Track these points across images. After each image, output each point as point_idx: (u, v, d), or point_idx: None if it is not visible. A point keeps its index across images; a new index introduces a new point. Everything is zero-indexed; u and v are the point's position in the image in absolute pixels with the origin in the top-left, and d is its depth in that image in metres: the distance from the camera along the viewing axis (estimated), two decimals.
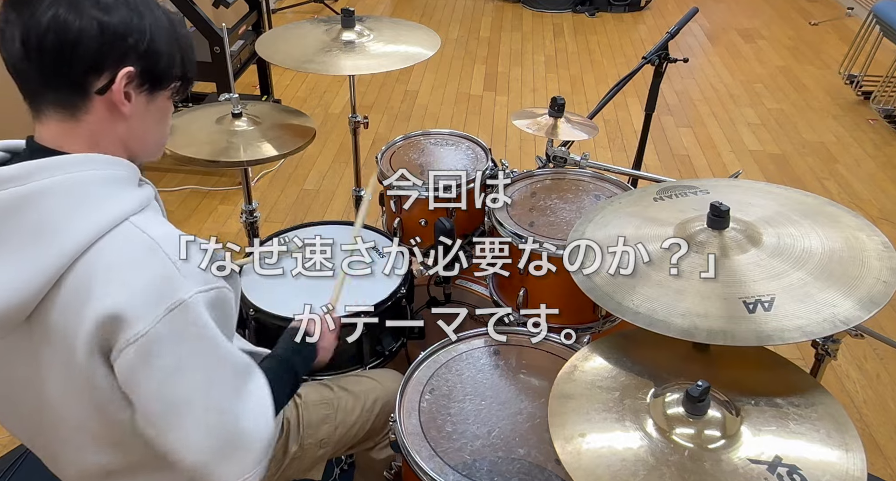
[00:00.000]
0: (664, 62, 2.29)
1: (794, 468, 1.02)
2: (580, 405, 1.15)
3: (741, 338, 1.11)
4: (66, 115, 0.95)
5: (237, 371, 1.00)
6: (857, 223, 1.30)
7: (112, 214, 0.92)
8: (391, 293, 1.67)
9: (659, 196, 1.45)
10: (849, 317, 1.10)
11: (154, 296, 0.90)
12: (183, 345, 0.93)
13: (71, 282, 0.90)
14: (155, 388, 0.94)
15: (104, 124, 0.96)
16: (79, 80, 0.92)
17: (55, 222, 0.89)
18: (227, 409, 0.98)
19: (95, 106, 0.94)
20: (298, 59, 1.99)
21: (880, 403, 2.33)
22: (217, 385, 0.97)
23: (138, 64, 0.94)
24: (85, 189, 0.92)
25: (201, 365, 0.95)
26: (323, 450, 1.42)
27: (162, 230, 0.94)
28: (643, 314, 1.17)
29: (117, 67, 0.92)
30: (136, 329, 0.89)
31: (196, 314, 0.92)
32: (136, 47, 0.93)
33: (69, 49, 0.90)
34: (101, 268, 0.90)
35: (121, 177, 0.96)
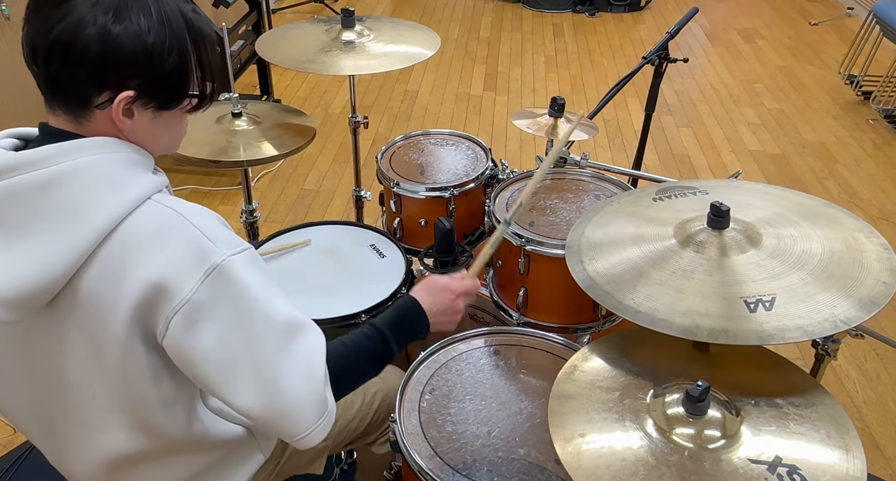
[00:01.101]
0: (664, 62, 2.29)
1: (794, 468, 1.02)
2: (580, 405, 1.15)
3: (742, 338, 1.11)
4: (72, 117, 0.97)
5: (284, 328, 0.99)
6: (856, 224, 1.30)
7: (136, 193, 0.94)
8: (391, 293, 1.67)
9: (658, 196, 1.46)
10: (849, 318, 1.10)
11: (189, 263, 0.92)
12: (225, 307, 0.94)
13: (102, 260, 0.92)
14: (205, 352, 0.95)
15: (107, 131, 0.98)
16: (79, 95, 0.94)
17: (82, 202, 0.91)
18: (270, 366, 0.98)
19: (97, 117, 0.96)
20: (298, 59, 1.99)
21: (880, 403, 2.33)
22: (262, 342, 0.97)
23: (142, 87, 0.94)
24: (108, 169, 0.94)
25: (245, 325, 0.96)
26: (323, 444, 1.42)
27: (184, 205, 0.97)
28: (644, 313, 1.17)
29: (118, 89, 0.93)
30: (180, 297, 0.91)
31: (233, 275, 0.94)
32: (142, 72, 0.93)
33: (72, 65, 0.91)
34: (133, 242, 0.92)
35: (138, 160, 0.98)
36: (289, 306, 1.01)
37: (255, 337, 0.97)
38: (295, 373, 0.99)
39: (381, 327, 1.17)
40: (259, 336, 0.97)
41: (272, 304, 0.98)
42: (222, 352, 0.95)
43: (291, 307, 1.02)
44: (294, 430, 1.01)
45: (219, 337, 0.94)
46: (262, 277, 0.99)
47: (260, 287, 0.97)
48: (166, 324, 0.93)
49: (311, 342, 1.03)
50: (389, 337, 1.17)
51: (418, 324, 1.23)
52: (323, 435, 1.03)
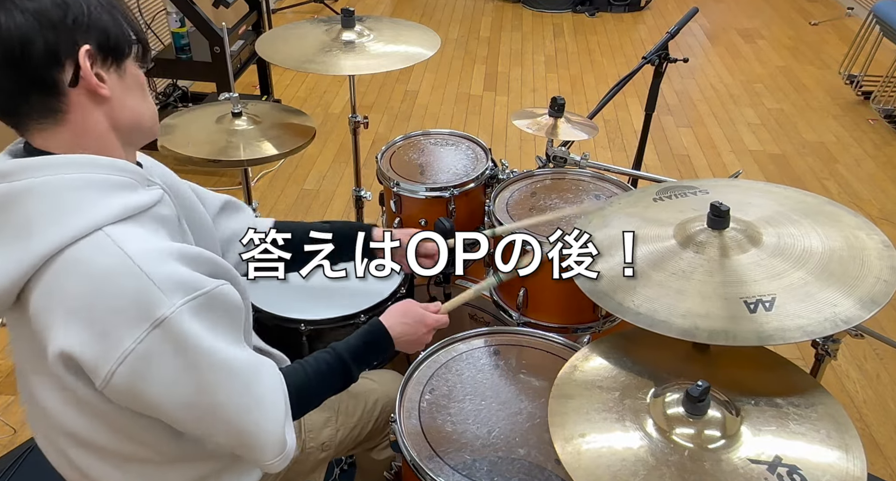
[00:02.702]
0: (664, 62, 2.29)
1: (794, 468, 1.02)
2: (580, 405, 1.15)
3: (742, 338, 1.11)
4: (49, 122, 0.93)
5: (239, 374, 0.99)
6: (856, 222, 1.29)
7: (84, 222, 0.90)
8: (391, 293, 1.67)
9: (659, 196, 1.46)
10: (850, 317, 1.10)
11: (132, 315, 0.89)
12: (172, 360, 0.92)
13: (46, 285, 0.91)
14: (157, 402, 0.94)
15: (88, 117, 0.94)
16: (46, 80, 0.90)
17: (30, 223, 0.90)
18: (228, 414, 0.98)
19: (73, 101, 0.92)
20: (298, 59, 1.99)
21: (880, 403, 2.33)
22: (217, 392, 0.96)
23: (91, 40, 0.91)
24: (62, 193, 0.91)
25: (197, 377, 0.94)
26: (325, 453, 1.42)
27: (136, 244, 0.91)
28: (644, 315, 1.17)
29: (74, 52, 0.90)
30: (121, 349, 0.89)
31: (181, 327, 0.90)
32: (80, 25, 0.90)
33: (20, 52, 0.87)
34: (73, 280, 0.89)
35: (106, 181, 0.94)
36: (243, 350, 1.00)
37: (209, 387, 0.95)
38: (254, 417, 1.00)
39: (343, 355, 1.18)
40: (213, 386, 0.96)
41: (225, 353, 0.96)
42: (175, 403, 0.95)
43: (245, 349, 1.01)
44: (255, 461, 1.05)
45: (169, 388, 0.93)
46: (215, 324, 0.95)
47: (211, 337, 0.94)
48: (109, 376, 0.90)
49: (268, 383, 1.03)
50: (350, 365, 1.18)
51: (383, 351, 1.25)
52: (282, 466, 1.06)
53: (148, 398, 0.94)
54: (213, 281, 0.95)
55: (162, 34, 3.62)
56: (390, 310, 1.30)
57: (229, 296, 0.97)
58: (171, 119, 1.98)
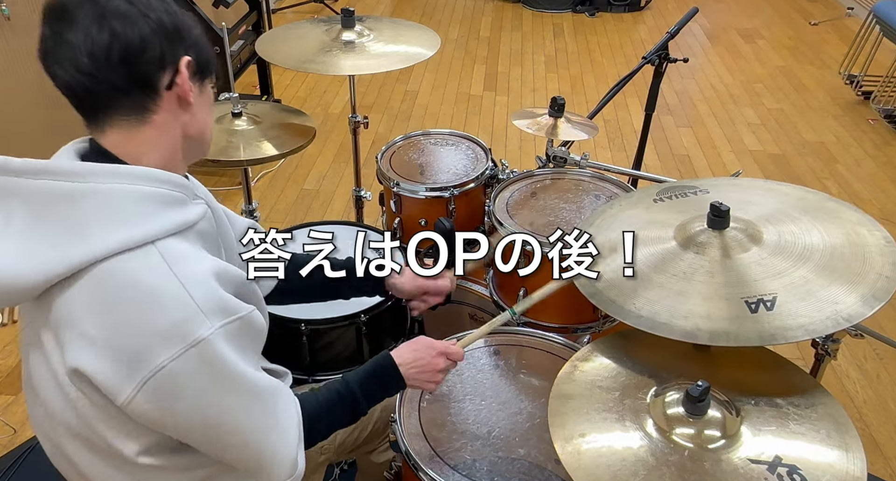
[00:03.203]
0: (664, 62, 2.29)
1: (794, 468, 1.02)
2: (580, 405, 1.15)
3: (744, 339, 1.10)
4: (133, 121, 0.98)
5: (262, 399, 1.02)
6: (858, 218, 1.29)
7: (138, 234, 0.93)
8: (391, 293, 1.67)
9: (659, 197, 1.46)
10: (852, 314, 1.10)
11: (172, 333, 0.91)
12: (203, 380, 0.94)
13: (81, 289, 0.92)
14: (180, 420, 0.96)
15: (171, 120, 1.01)
16: (151, 81, 0.97)
17: (84, 225, 0.92)
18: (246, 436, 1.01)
19: (164, 103, 0.99)
20: (298, 59, 1.99)
21: (880, 403, 2.33)
22: (240, 414, 1.00)
23: (191, 53, 1.00)
24: (123, 202, 0.94)
25: (223, 398, 0.97)
26: (324, 457, 1.42)
27: (185, 267, 0.94)
28: (646, 317, 1.17)
29: (177, 60, 0.98)
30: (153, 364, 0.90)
31: (216, 349, 0.93)
32: (187, 38, 1.00)
33: (138, 55, 0.95)
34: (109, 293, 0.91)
35: (164, 196, 0.98)
36: (264, 374, 1.04)
37: (233, 409, 0.98)
38: (272, 440, 1.03)
39: (353, 387, 1.19)
40: (237, 408, 0.99)
41: (251, 377, 1.00)
42: (197, 423, 0.97)
43: (263, 374, 1.04)
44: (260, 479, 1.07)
45: (194, 408, 0.95)
46: (245, 348, 0.99)
47: (241, 360, 0.97)
48: (134, 393, 0.92)
49: (286, 409, 1.07)
50: (360, 398, 1.19)
51: (392, 383, 1.23)
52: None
53: (170, 416, 0.95)
54: (247, 306, 0.99)
55: None
56: (403, 345, 1.27)
57: (257, 322, 1.02)
58: None
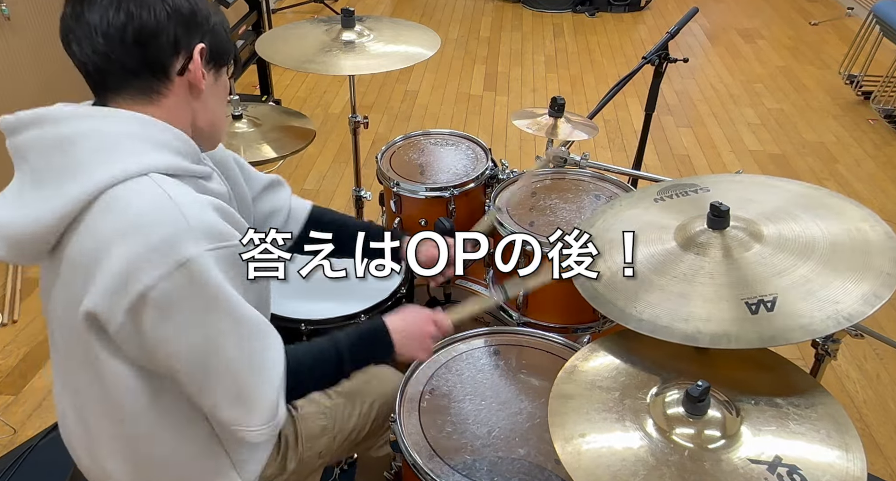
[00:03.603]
0: (664, 62, 2.29)
1: (794, 468, 1.02)
2: (580, 405, 1.15)
3: (745, 341, 1.10)
4: (144, 101, 1.01)
5: (248, 330, 1.02)
6: (860, 214, 1.28)
7: (133, 166, 0.95)
8: (391, 293, 1.67)
9: (660, 196, 1.45)
10: (852, 314, 1.10)
11: (160, 252, 0.92)
12: (192, 301, 0.95)
13: (86, 227, 0.94)
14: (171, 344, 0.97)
15: (180, 106, 1.03)
16: (163, 65, 0.99)
17: (82, 164, 0.94)
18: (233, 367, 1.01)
19: (175, 87, 1.01)
20: (298, 59, 1.99)
21: (880, 403, 2.33)
22: (227, 341, 0.99)
23: (206, 40, 1.02)
24: (117, 140, 0.97)
25: (212, 322, 0.97)
26: (322, 460, 1.42)
27: (179, 189, 0.96)
28: (647, 321, 1.17)
29: (191, 46, 1.00)
30: (142, 285, 0.91)
31: (203, 269, 0.94)
32: (203, 25, 1.01)
33: (151, 38, 0.97)
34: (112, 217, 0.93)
35: (162, 141, 1.00)
36: (254, 310, 1.03)
37: (221, 335, 0.98)
38: (255, 375, 1.03)
39: (340, 348, 1.17)
40: (225, 334, 0.99)
41: (239, 304, 1.00)
42: (185, 347, 0.97)
43: (256, 312, 1.03)
44: (239, 421, 1.04)
45: (184, 330, 0.96)
46: (234, 277, 0.99)
47: (229, 286, 0.98)
48: (124, 315, 0.93)
49: (272, 349, 1.06)
50: (346, 359, 1.17)
51: (380, 347, 1.22)
52: (266, 437, 1.06)
53: (160, 340, 0.96)
54: (237, 242, 1.00)
55: None
56: (399, 313, 1.27)
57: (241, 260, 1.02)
58: None
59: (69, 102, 1.03)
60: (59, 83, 2.95)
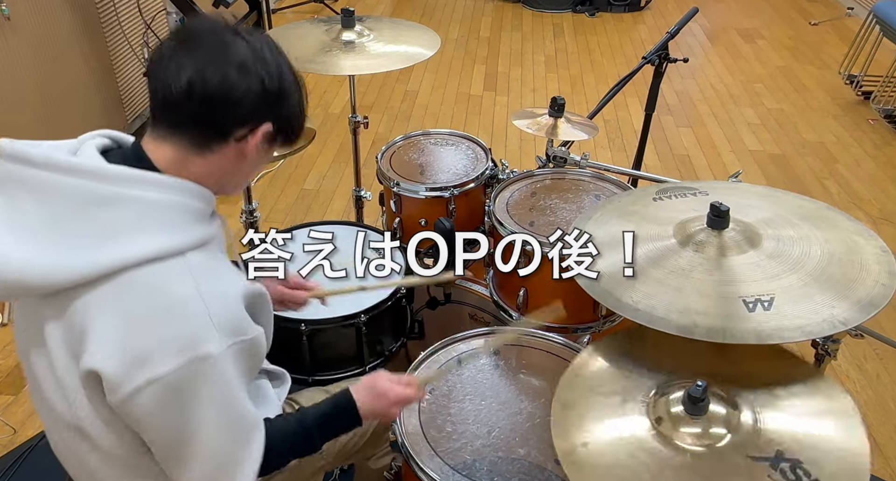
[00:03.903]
0: (664, 62, 2.29)
1: (796, 463, 1.02)
2: (582, 413, 1.15)
3: (741, 337, 1.11)
4: (192, 150, 1.00)
5: (246, 427, 1.04)
6: (855, 227, 1.30)
7: (171, 244, 0.95)
8: (391, 293, 1.67)
9: (658, 196, 1.46)
10: (848, 318, 1.10)
11: (182, 344, 0.93)
12: (201, 391, 0.96)
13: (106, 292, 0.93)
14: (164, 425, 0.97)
15: (222, 163, 1.02)
16: (226, 130, 1.00)
17: (119, 229, 0.93)
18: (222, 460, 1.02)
19: (227, 149, 1.01)
20: (298, 59, 1.98)
21: (880, 403, 2.33)
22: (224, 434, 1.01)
23: (276, 123, 1.03)
24: (159, 211, 0.96)
25: (211, 414, 0.98)
26: (322, 462, 1.42)
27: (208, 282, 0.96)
28: (643, 311, 1.17)
29: (261, 123, 1.01)
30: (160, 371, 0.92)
31: (222, 366, 0.95)
32: (281, 107, 1.03)
33: (230, 105, 0.98)
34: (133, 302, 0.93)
35: (197, 209, 1.01)
36: (250, 406, 1.05)
37: (216, 426, 0.99)
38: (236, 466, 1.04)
39: (310, 426, 1.18)
40: (220, 427, 1.00)
41: (242, 404, 1.02)
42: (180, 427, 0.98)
43: (252, 408, 1.05)
44: None
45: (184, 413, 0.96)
46: (244, 369, 1.01)
47: (238, 381, 1.00)
48: (128, 396, 0.93)
49: (256, 442, 1.07)
50: (315, 435, 1.18)
51: (349, 424, 1.22)
52: None
53: (155, 418, 0.96)
54: (256, 328, 1.02)
55: (162, 34, 3.62)
56: (362, 380, 1.25)
57: (261, 344, 1.04)
58: None
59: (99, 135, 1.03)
60: (59, 83, 2.95)
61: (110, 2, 3.26)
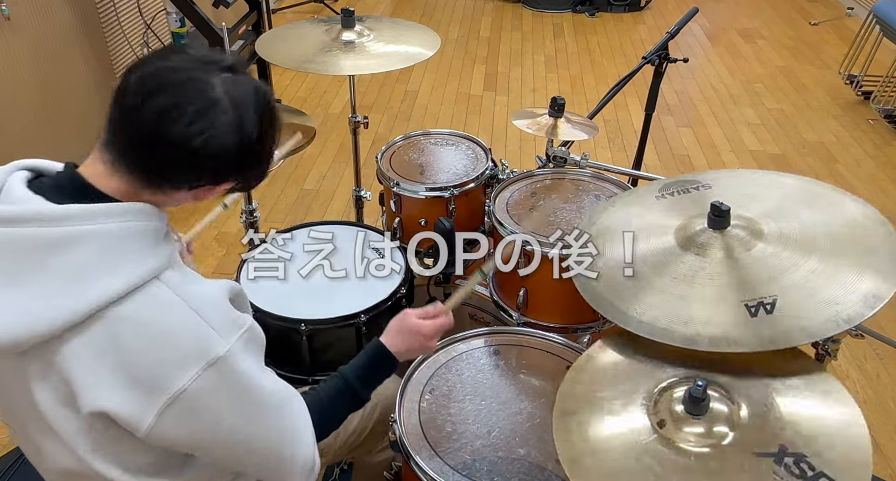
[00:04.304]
0: (664, 62, 2.29)
1: (800, 456, 1.02)
2: (584, 420, 1.14)
3: (744, 344, 1.10)
4: (141, 187, 0.94)
5: (277, 403, 1.03)
6: (861, 210, 1.30)
7: (143, 271, 0.91)
8: (391, 293, 1.67)
9: (661, 193, 1.45)
10: (851, 316, 1.10)
11: (191, 357, 0.92)
12: (225, 394, 0.95)
13: (88, 339, 0.89)
14: (203, 435, 0.97)
15: (174, 199, 0.98)
16: (180, 180, 0.94)
17: (87, 268, 0.88)
18: (269, 441, 1.02)
19: (181, 195, 0.97)
20: (298, 59, 1.99)
21: (880, 403, 2.33)
22: (261, 420, 1.01)
23: (241, 178, 0.99)
24: (122, 241, 0.91)
25: (245, 407, 0.98)
26: (324, 458, 1.42)
27: (190, 289, 0.94)
28: (646, 323, 1.17)
29: (220, 183, 0.97)
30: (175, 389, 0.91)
31: (233, 363, 0.95)
32: (251, 163, 0.97)
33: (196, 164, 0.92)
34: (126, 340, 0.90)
35: (154, 229, 0.96)
36: (276, 379, 1.04)
37: (254, 418, 1.00)
38: (290, 445, 1.05)
39: (352, 381, 1.20)
40: (258, 417, 1.00)
41: (266, 383, 1.01)
42: (221, 437, 0.98)
43: (278, 379, 1.05)
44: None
45: (217, 423, 0.96)
46: (256, 356, 1.01)
47: (256, 369, 0.99)
48: (154, 420, 0.91)
49: (298, 411, 1.08)
50: (358, 388, 1.20)
51: (387, 370, 1.25)
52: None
53: (194, 435, 0.96)
54: (248, 317, 1.01)
55: (162, 34, 3.62)
56: (389, 326, 1.28)
57: (259, 330, 1.03)
58: None
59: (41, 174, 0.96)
60: (59, 83, 2.95)
61: (110, 2, 3.26)
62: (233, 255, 2.91)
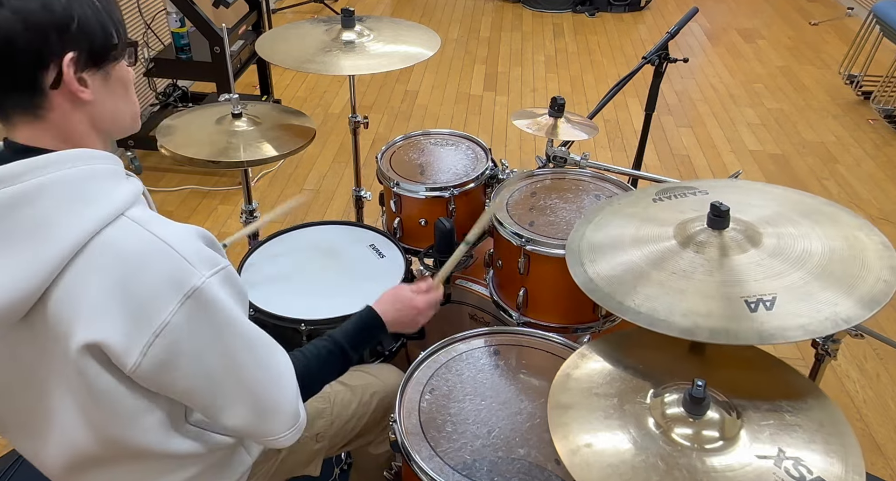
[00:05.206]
0: (664, 62, 2.29)
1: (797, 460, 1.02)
2: (580, 414, 1.14)
3: (744, 337, 1.10)
4: (32, 117, 0.94)
5: (258, 345, 1.03)
6: (856, 222, 1.29)
7: (109, 208, 0.91)
8: None
9: (658, 197, 1.46)
10: (850, 316, 1.10)
11: (167, 288, 0.91)
12: (205, 328, 0.95)
13: (72, 278, 0.90)
14: (188, 373, 0.96)
15: (69, 118, 0.95)
16: (29, 80, 0.91)
17: (51, 219, 0.89)
18: (251, 383, 1.02)
19: (54, 102, 0.93)
20: (298, 59, 1.99)
21: (880, 403, 2.33)
22: (242, 360, 1.00)
23: (77, 46, 0.92)
24: (79, 185, 0.91)
25: (225, 344, 0.98)
26: (319, 444, 1.42)
27: (161, 226, 0.94)
28: (644, 314, 1.17)
29: (59, 57, 0.91)
30: (158, 321, 0.91)
31: (211, 296, 0.94)
32: (67, 31, 0.91)
33: (7, 57, 0.88)
34: (106, 261, 0.90)
35: (110, 170, 0.96)
36: (255, 325, 1.04)
37: (235, 355, 0.99)
38: (273, 387, 1.05)
39: (340, 341, 1.24)
40: (240, 353, 1.00)
41: (247, 323, 1.01)
42: (205, 372, 0.97)
43: (256, 326, 1.05)
44: (265, 434, 1.08)
45: (200, 357, 0.96)
46: (235, 297, 1.00)
47: (235, 307, 0.99)
48: (142, 355, 0.91)
49: (281, 358, 1.09)
50: (347, 349, 1.24)
51: (376, 336, 1.30)
52: (292, 440, 1.09)
53: (179, 371, 0.95)
54: (226, 260, 1.00)
55: (162, 34, 3.62)
56: (382, 296, 1.36)
57: (238, 278, 1.02)
58: (171, 120, 1.98)
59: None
60: None
61: None
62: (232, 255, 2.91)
